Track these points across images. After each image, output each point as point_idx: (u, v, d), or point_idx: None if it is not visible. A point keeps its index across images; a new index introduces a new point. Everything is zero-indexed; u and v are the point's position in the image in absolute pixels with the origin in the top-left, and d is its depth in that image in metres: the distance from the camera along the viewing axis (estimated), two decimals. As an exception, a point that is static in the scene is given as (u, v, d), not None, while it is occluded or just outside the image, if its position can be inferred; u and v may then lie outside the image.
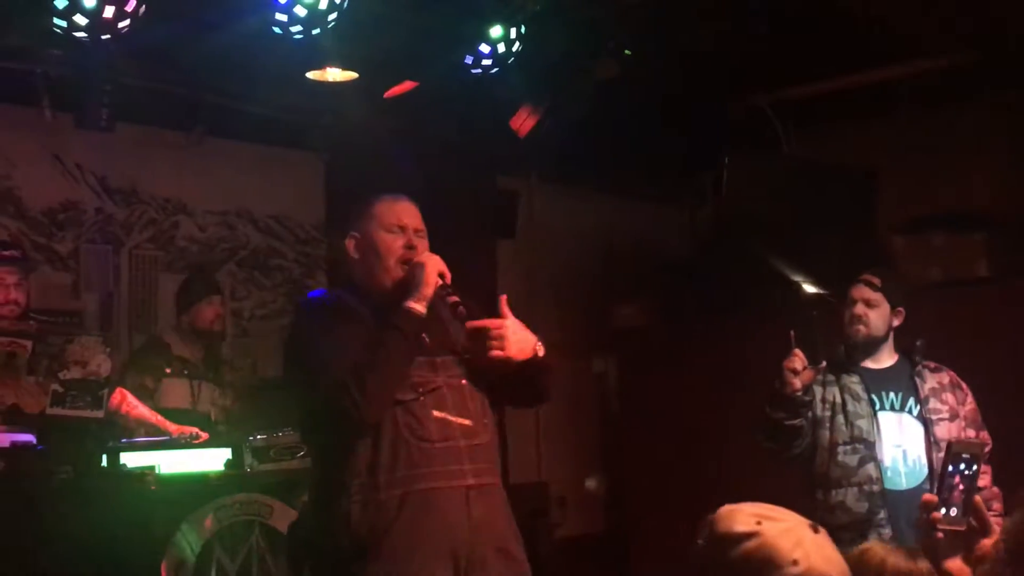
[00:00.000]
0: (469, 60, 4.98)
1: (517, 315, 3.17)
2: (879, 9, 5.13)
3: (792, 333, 3.96)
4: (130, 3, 4.09)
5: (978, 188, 6.09)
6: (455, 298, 3.05)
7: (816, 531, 1.75)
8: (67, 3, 4.03)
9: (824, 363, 3.98)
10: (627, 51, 5.30)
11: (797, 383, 3.90)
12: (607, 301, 7.20)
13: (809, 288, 5.97)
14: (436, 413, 2.99)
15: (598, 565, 6.89)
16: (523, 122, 5.58)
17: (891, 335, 4.13)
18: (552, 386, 3.29)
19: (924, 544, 2.06)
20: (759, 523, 1.74)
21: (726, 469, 5.76)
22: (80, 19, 4.04)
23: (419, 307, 2.98)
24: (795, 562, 1.69)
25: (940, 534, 1.99)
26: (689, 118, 6.19)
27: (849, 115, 6.44)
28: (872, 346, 4.11)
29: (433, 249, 3.16)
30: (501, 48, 4.95)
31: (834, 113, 6.38)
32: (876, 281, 4.11)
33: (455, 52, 4.99)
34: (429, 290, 3.00)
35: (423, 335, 3.01)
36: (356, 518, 2.89)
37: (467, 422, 3.04)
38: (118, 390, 4.79)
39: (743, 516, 1.76)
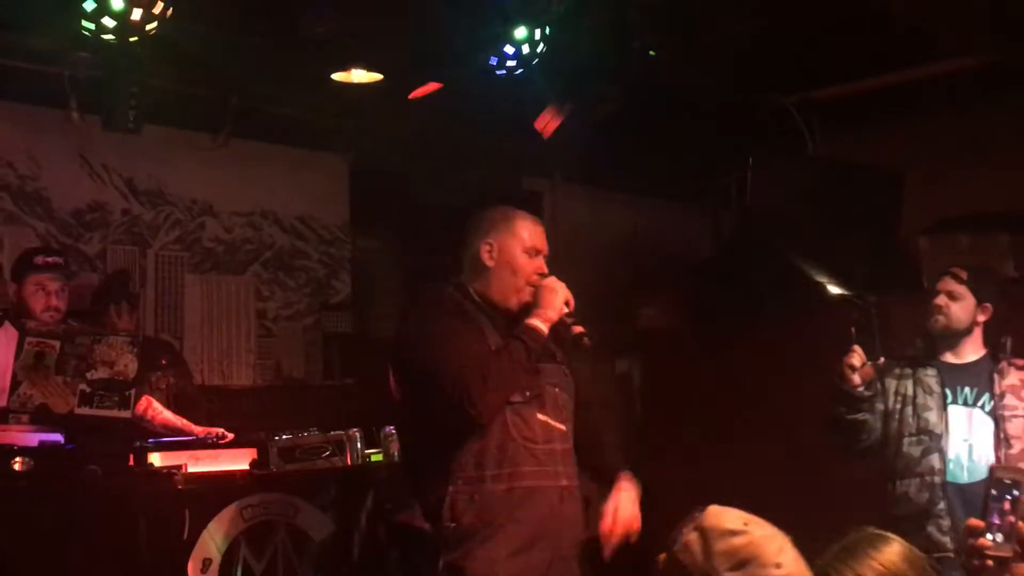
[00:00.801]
0: (494, 61, 4.99)
1: None
2: (908, 9, 5.10)
3: (852, 329, 4.01)
4: (157, 5, 4.11)
5: (1005, 189, 6.04)
6: (580, 328, 3.21)
7: (793, 545, 1.86)
8: (95, 6, 4.06)
9: (882, 359, 4.03)
10: (652, 52, 5.29)
11: (856, 378, 3.93)
12: (631, 302, 7.19)
13: (834, 289, 5.94)
14: (540, 416, 3.18)
15: (621, 566, 6.88)
16: (547, 123, 5.59)
17: (975, 330, 4.09)
18: None
19: (970, 568, 2.07)
20: (746, 524, 1.86)
21: (751, 469, 5.74)
22: (108, 22, 4.07)
23: (544, 327, 3.16)
24: (778, 565, 1.81)
25: (989, 561, 2.00)
26: (714, 119, 6.16)
27: (875, 116, 6.39)
28: (953, 339, 4.08)
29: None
30: (526, 49, 4.95)
31: (860, 114, 6.34)
32: (962, 274, 4.10)
33: (480, 54, 4.99)
34: (555, 315, 3.18)
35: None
36: (462, 507, 3.08)
37: (562, 427, 3.24)
38: (144, 397, 4.82)
39: (732, 516, 1.88)
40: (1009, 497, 2.02)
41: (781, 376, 5.75)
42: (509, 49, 4.94)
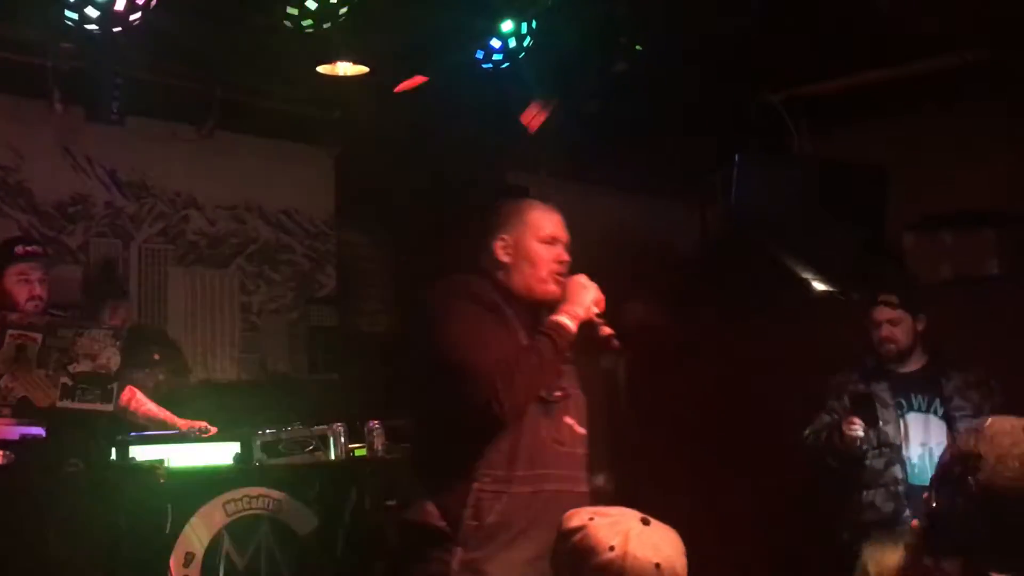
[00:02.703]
0: (480, 55, 4.97)
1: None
2: (895, 7, 5.11)
3: (846, 400, 4.25)
4: (141, -4, 4.08)
5: (989, 186, 6.06)
6: (609, 330, 3.17)
7: (647, 523, 1.99)
8: (79, -5, 4.03)
9: (882, 423, 4.24)
10: (638, 47, 5.28)
11: (858, 442, 4.17)
12: (616, 297, 7.17)
13: (819, 286, 5.96)
14: (567, 419, 3.11)
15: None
16: (533, 118, 5.57)
17: (918, 342, 4.36)
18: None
19: None
20: (591, 519, 2.00)
21: (734, 467, 5.74)
22: (91, 12, 4.04)
23: (572, 325, 3.05)
24: (611, 548, 1.93)
25: None
26: (700, 115, 6.16)
27: (861, 113, 6.41)
28: (904, 355, 4.35)
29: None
30: (512, 43, 4.94)
31: (846, 111, 6.35)
32: (894, 299, 4.34)
33: (466, 47, 4.98)
34: (583, 311, 3.10)
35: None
36: (487, 506, 2.95)
37: (584, 431, 3.18)
38: (128, 388, 4.79)
39: (580, 514, 2.03)
40: None
41: (766, 373, 5.75)
42: (496, 43, 4.93)
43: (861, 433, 4.15)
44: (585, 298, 3.12)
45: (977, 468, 1.79)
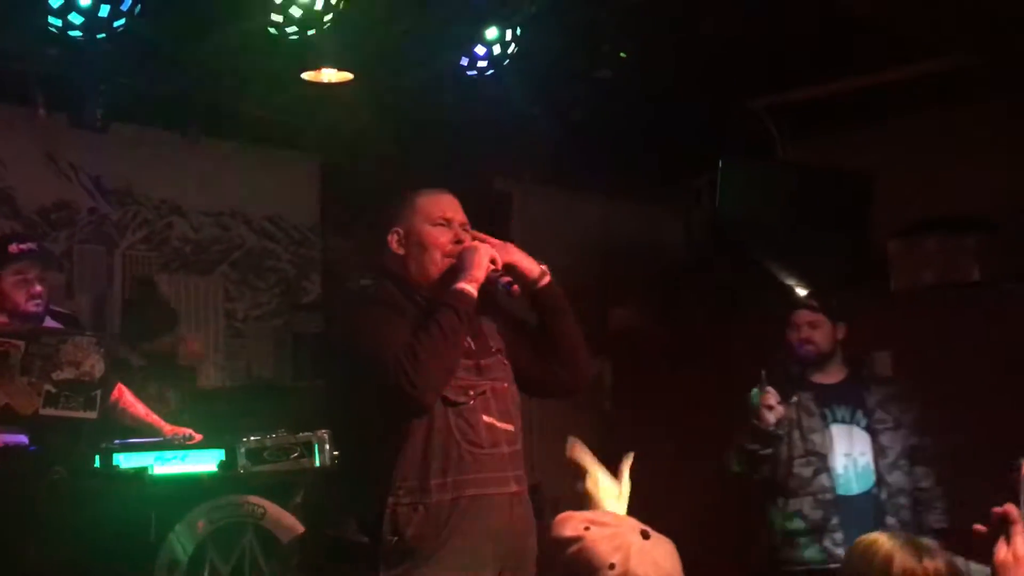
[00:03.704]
0: (464, 62, 4.98)
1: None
2: (877, 13, 5.13)
3: (763, 372, 4.25)
4: (125, 2, 4.08)
5: (972, 193, 6.09)
6: (507, 279, 3.04)
7: (647, 537, 1.84)
8: (62, 2, 4.03)
9: (796, 399, 4.35)
10: (623, 54, 5.29)
11: (771, 418, 4.21)
12: (601, 303, 7.20)
13: (803, 292, 5.97)
14: (485, 418, 2.98)
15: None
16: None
17: (838, 350, 4.47)
18: (584, 363, 3.32)
19: None
20: (587, 528, 1.85)
21: (720, 471, 5.76)
22: (75, 18, 4.03)
23: (471, 288, 2.94)
24: (611, 566, 1.79)
25: None
26: (685, 121, 6.18)
27: (844, 119, 6.44)
28: (822, 362, 4.46)
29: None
30: (497, 50, 4.94)
31: (829, 117, 6.38)
32: (814, 303, 4.49)
33: (450, 54, 4.99)
34: (481, 273, 2.97)
35: (467, 337, 2.99)
36: (404, 519, 2.86)
37: (510, 427, 3.05)
38: (118, 385, 4.77)
39: (574, 522, 1.88)
40: None
41: (750, 378, 5.77)
42: (480, 49, 4.94)
43: (773, 403, 4.19)
44: (480, 259, 2.99)
45: None
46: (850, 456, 4.35)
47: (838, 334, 4.46)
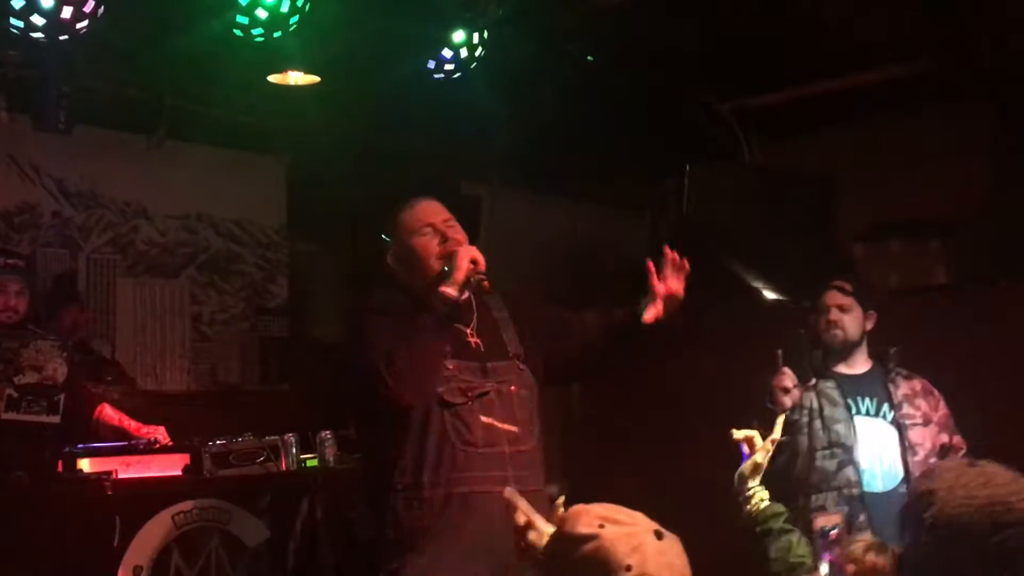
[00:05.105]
0: (431, 65, 4.98)
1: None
2: (842, 18, 5.17)
3: (779, 352, 4.00)
4: (88, 4, 4.05)
5: (937, 196, 6.14)
6: (480, 276, 3.14)
7: (660, 537, 1.80)
8: (24, 3, 3.99)
9: (814, 381, 4.05)
10: (589, 57, 5.31)
11: (787, 401, 3.95)
12: (568, 306, 7.19)
13: (769, 295, 6.00)
14: (483, 419, 3.10)
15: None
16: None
17: (864, 340, 4.21)
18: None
19: None
20: (601, 526, 1.80)
21: (686, 477, 5.77)
22: (37, 19, 4.00)
23: (450, 290, 3.08)
24: (628, 567, 1.74)
25: None
26: (651, 125, 6.20)
27: (811, 123, 6.48)
28: (848, 350, 4.18)
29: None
30: (464, 53, 4.95)
31: (796, 120, 6.42)
32: (847, 287, 4.20)
33: (417, 57, 4.98)
34: (460, 274, 3.10)
35: (473, 337, 3.17)
36: (402, 514, 3.03)
37: (513, 428, 3.15)
38: (103, 404, 4.75)
39: (588, 518, 1.83)
40: None
41: (716, 382, 5.78)
42: (447, 52, 4.94)
43: (789, 385, 3.94)
44: (460, 260, 3.12)
45: (931, 504, 1.91)
46: (875, 451, 4.04)
47: (868, 323, 4.19)
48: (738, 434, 3.04)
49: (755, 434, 3.03)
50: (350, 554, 3.17)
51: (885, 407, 4.11)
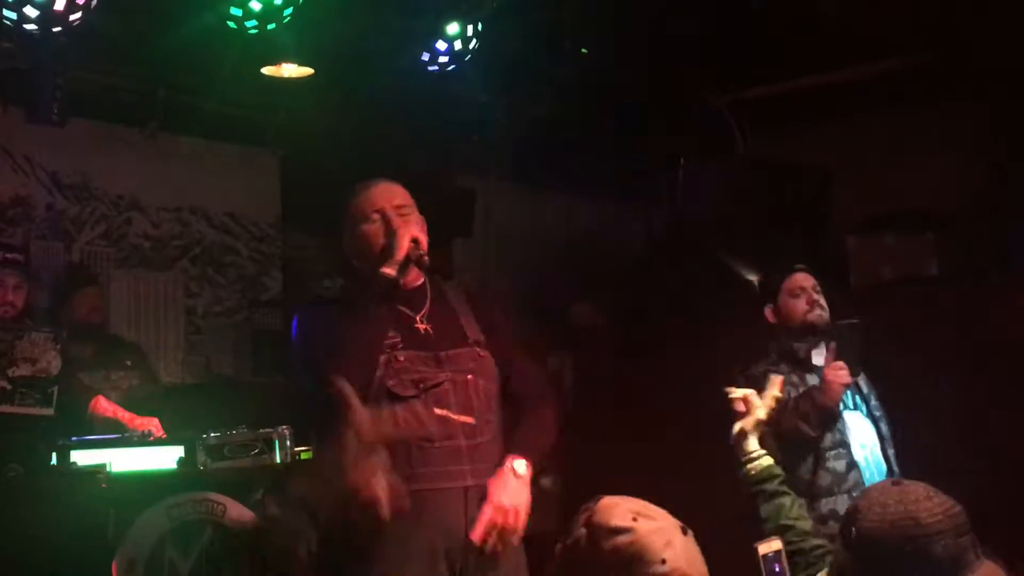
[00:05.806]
0: (426, 57, 4.98)
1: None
2: (839, 10, 5.18)
3: (833, 345, 3.78)
4: (82, -5, 4.04)
5: (931, 189, 6.16)
6: (419, 252, 3.04)
7: (685, 533, 1.87)
8: (17, -6, 3.98)
9: (861, 373, 3.82)
10: (584, 50, 5.31)
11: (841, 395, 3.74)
12: (563, 300, 7.21)
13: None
14: (437, 411, 2.95)
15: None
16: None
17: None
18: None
19: None
20: (635, 519, 1.85)
21: (681, 468, 5.78)
22: (30, 11, 3.99)
23: (389, 270, 3.00)
24: (663, 561, 1.80)
25: None
26: (646, 118, 6.21)
27: (805, 116, 6.49)
28: (820, 337, 3.93)
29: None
30: (458, 46, 4.95)
31: (790, 114, 6.43)
32: (806, 267, 4.05)
33: (412, 49, 4.98)
34: (400, 253, 3.01)
35: (422, 323, 3.04)
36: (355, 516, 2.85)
37: (470, 420, 2.99)
38: (96, 397, 4.75)
39: (621, 511, 1.87)
40: None
41: (711, 375, 5.78)
42: (441, 45, 4.94)
43: (849, 380, 3.69)
44: (400, 239, 3.02)
45: (856, 519, 2.07)
46: (864, 446, 3.84)
47: None
48: (736, 392, 3.02)
49: (752, 393, 2.99)
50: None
51: (857, 399, 3.92)
